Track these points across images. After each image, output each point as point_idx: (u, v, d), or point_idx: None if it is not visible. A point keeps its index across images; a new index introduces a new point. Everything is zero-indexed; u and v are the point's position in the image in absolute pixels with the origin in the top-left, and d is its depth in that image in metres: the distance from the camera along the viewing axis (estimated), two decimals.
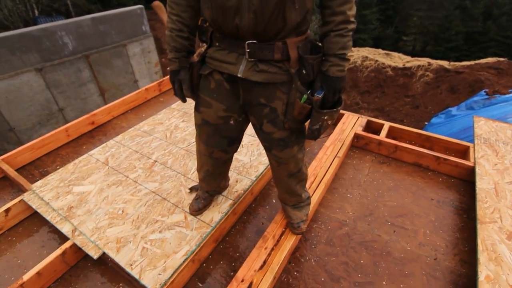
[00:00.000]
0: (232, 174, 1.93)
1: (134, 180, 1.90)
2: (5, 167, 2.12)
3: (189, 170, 1.98)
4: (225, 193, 1.80)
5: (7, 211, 1.78)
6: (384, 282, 1.50)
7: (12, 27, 11.34)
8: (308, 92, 1.11)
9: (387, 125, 2.38)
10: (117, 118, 2.90)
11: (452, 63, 7.28)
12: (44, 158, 2.40)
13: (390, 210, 1.87)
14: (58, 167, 2.29)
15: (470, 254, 1.60)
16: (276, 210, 1.90)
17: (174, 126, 2.42)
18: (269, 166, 2.04)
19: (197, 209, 1.66)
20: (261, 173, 1.95)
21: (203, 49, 1.25)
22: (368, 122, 2.48)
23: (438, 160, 2.05)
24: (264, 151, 2.13)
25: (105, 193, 1.81)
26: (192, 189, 1.82)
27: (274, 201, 1.96)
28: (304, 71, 1.08)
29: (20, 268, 1.63)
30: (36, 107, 5.22)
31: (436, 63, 7.35)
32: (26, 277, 1.41)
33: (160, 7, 1.72)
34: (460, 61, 7.36)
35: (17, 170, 2.23)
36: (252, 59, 1.08)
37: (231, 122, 1.29)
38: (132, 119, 2.88)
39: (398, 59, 8.32)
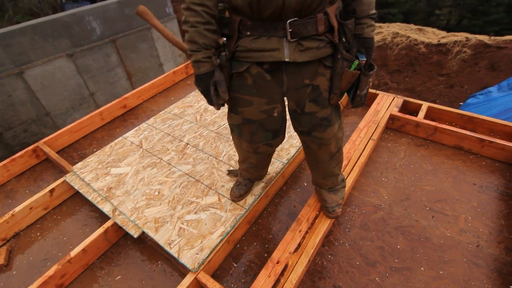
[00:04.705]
0: None
1: (167, 162, 1.94)
2: (47, 149, 2.24)
3: (220, 152, 1.98)
4: None
5: (51, 191, 1.89)
6: (422, 268, 1.46)
7: (42, 14, 11.68)
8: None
9: (425, 105, 2.24)
10: (147, 102, 2.95)
11: (493, 37, 6.69)
12: (82, 141, 2.51)
13: (428, 195, 1.79)
14: (94, 149, 2.38)
15: None
16: (307, 193, 1.88)
17: (204, 109, 2.43)
18: (302, 150, 2.02)
19: (239, 195, 1.67)
20: (293, 156, 1.92)
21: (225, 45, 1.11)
22: (405, 102, 2.35)
23: (482, 142, 1.92)
24: (295, 133, 2.09)
25: (141, 174, 1.87)
26: (230, 173, 1.83)
27: (305, 184, 1.94)
28: (344, 39, 1.06)
29: (66, 245, 1.74)
30: (69, 92, 5.43)
31: (475, 38, 6.79)
32: (73, 253, 1.51)
33: (146, 12, 1.51)
34: (502, 35, 6.74)
35: (57, 153, 2.36)
36: (294, 39, 1.01)
37: (275, 114, 1.23)
38: (161, 102, 2.92)
39: (432, 35, 7.76)
